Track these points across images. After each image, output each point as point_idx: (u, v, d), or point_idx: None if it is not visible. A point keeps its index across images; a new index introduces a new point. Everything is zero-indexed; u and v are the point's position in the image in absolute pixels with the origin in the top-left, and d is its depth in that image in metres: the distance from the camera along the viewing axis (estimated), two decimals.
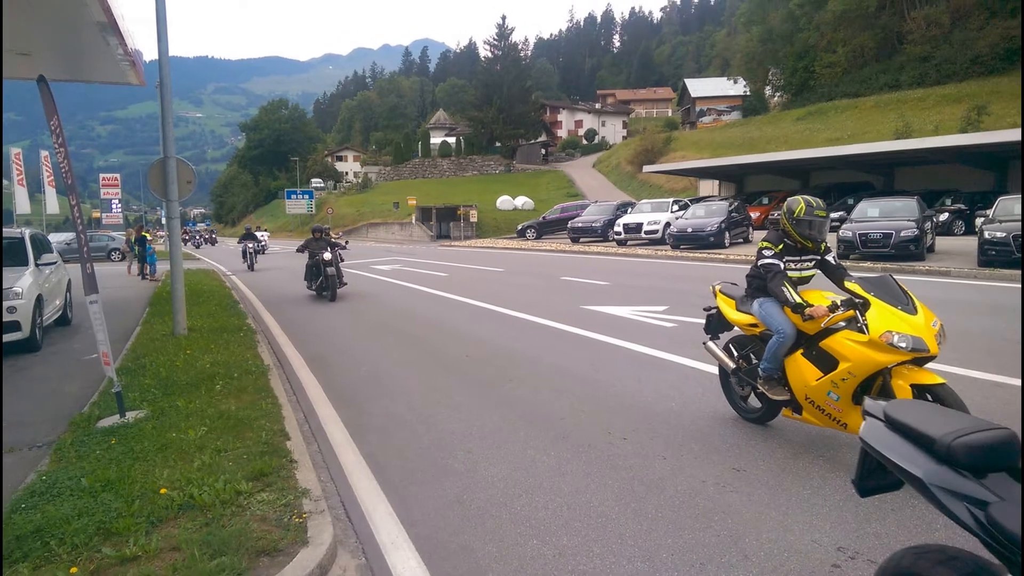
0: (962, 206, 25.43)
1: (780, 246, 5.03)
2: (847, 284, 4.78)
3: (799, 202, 4.94)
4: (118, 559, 3.41)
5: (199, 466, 4.56)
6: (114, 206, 49.26)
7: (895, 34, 53.68)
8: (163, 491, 4.13)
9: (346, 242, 17.39)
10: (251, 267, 26.38)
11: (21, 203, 34.09)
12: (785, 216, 5.00)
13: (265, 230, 54.20)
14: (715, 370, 7.09)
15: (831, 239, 19.33)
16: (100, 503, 4.00)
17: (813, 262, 5.14)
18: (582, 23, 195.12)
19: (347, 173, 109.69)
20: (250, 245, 27.02)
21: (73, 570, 3.30)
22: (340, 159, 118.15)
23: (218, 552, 3.40)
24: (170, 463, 4.67)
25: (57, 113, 6.13)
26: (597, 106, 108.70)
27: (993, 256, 15.06)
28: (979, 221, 17.42)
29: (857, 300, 4.52)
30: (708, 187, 43.57)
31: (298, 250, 16.44)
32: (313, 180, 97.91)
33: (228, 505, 3.97)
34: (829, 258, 5.10)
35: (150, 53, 11.04)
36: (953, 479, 1.78)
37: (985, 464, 1.77)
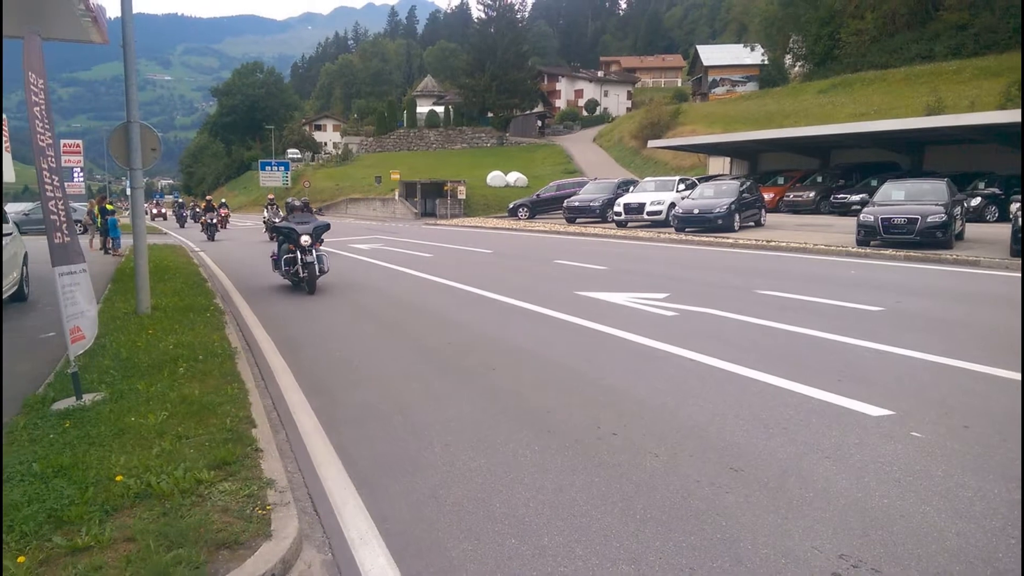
0: (996, 190, 25.12)
1: None
2: None
3: None
4: (69, 549, 3.47)
5: (158, 453, 4.62)
6: (76, 175, 48.87)
7: None
8: (119, 478, 4.19)
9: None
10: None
11: None
12: None
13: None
14: (717, 363, 7.19)
15: (851, 223, 19.12)
16: (52, 490, 4.05)
17: None
18: None
19: (326, 144, 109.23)
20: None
21: (21, 559, 3.35)
22: (319, 128, 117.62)
23: (175, 544, 3.47)
24: (127, 449, 4.72)
25: (33, 70, 6.08)
26: (600, 74, 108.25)
27: None
28: (1014, 207, 16.96)
29: None
30: (718, 165, 43.57)
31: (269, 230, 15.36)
32: (289, 151, 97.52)
33: (188, 495, 4.03)
34: None
35: (114, 9, 10.97)
36: None
37: None
